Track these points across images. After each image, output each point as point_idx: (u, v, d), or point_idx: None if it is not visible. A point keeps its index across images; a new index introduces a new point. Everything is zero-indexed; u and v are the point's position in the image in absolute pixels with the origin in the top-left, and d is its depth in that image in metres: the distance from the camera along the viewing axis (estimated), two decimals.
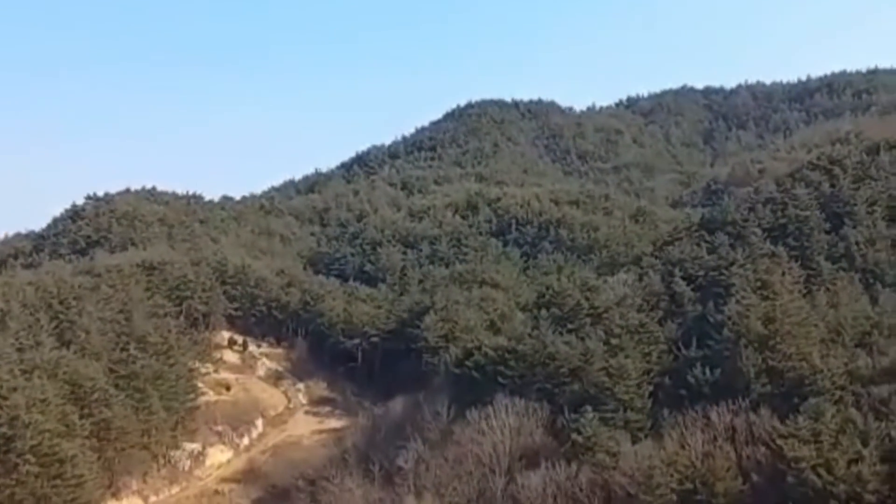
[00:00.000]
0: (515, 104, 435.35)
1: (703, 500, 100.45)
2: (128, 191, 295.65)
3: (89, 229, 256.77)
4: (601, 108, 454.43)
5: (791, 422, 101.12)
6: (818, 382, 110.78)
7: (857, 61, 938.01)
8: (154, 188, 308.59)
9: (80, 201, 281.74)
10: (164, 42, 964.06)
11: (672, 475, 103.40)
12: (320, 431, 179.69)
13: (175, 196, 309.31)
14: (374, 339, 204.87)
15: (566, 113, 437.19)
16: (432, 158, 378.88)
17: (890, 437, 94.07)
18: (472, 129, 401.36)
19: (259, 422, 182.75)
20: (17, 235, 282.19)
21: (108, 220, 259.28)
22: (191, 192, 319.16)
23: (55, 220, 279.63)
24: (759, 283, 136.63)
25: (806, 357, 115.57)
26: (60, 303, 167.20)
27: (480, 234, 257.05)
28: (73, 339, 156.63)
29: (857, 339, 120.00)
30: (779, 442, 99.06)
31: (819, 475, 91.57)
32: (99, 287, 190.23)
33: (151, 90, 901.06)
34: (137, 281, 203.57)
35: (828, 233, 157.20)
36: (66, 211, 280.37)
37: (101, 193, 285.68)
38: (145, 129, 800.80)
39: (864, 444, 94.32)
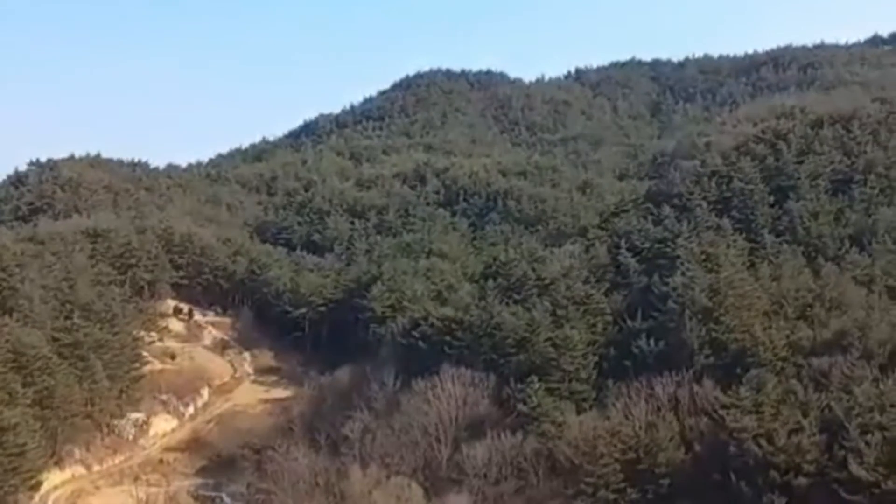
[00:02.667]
0: (464, 75, 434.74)
1: (646, 470, 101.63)
2: (72, 157, 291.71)
3: (32, 196, 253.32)
4: (550, 79, 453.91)
5: (733, 393, 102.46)
6: (760, 354, 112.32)
7: (803, 36, 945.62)
8: (98, 155, 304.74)
9: (23, 167, 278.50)
10: (108, 3, 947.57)
11: (616, 445, 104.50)
12: (266, 401, 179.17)
13: (120, 163, 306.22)
14: (321, 309, 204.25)
15: (515, 84, 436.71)
16: (381, 128, 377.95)
17: (829, 407, 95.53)
18: (421, 99, 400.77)
19: (204, 391, 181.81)
20: None
21: (52, 186, 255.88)
22: (136, 160, 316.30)
23: None
24: (703, 256, 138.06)
25: (749, 329, 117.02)
26: (2, 270, 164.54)
27: (428, 204, 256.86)
28: (15, 306, 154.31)
29: (799, 312, 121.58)
30: (721, 412, 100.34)
31: (760, 445, 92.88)
32: (42, 254, 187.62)
33: (94, 53, 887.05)
34: (81, 248, 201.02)
35: (772, 206, 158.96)
36: (9, 177, 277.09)
37: (44, 159, 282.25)
38: (88, 95, 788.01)
39: (805, 414, 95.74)
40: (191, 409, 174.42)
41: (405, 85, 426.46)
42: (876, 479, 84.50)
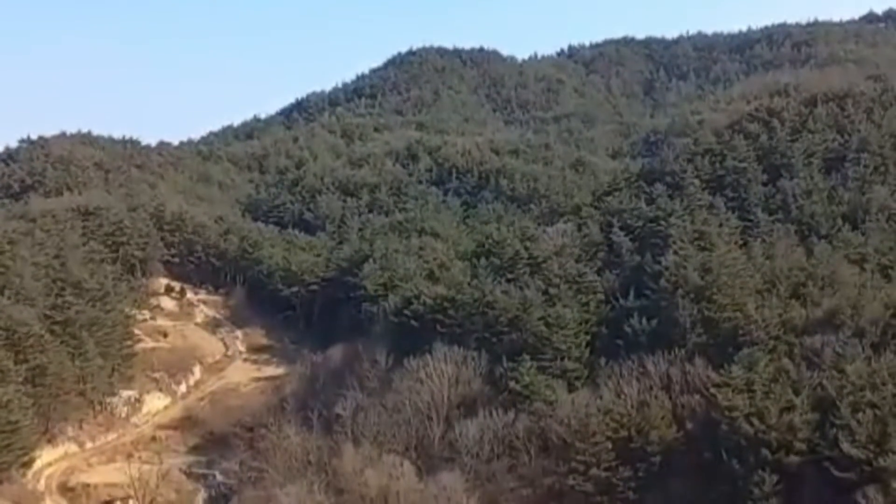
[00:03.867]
0: (457, 52, 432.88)
1: (638, 448, 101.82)
2: (63, 134, 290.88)
3: (23, 173, 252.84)
4: (543, 57, 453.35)
5: (725, 371, 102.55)
6: (753, 333, 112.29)
7: (797, 13, 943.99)
8: (90, 132, 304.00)
9: (14, 144, 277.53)
10: None
11: (608, 423, 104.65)
12: (258, 379, 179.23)
13: (111, 140, 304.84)
14: (313, 288, 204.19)
15: (508, 62, 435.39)
16: (373, 106, 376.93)
17: (821, 386, 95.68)
18: (413, 76, 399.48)
19: (196, 369, 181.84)
20: None
21: (43, 163, 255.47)
22: (127, 137, 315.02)
23: None
24: (696, 235, 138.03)
25: (741, 308, 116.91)
26: None
27: (420, 182, 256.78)
28: (6, 284, 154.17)
29: (792, 290, 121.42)
30: (713, 391, 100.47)
31: (752, 424, 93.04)
32: (33, 232, 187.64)
33: (85, 27, 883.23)
34: (73, 226, 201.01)
35: (765, 184, 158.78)
36: None
37: (34, 136, 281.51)
38: (78, 70, 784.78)
39: (796, 393, 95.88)
40: (183, 387, 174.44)
41: (397, 62, 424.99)
42: (867, 457, 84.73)
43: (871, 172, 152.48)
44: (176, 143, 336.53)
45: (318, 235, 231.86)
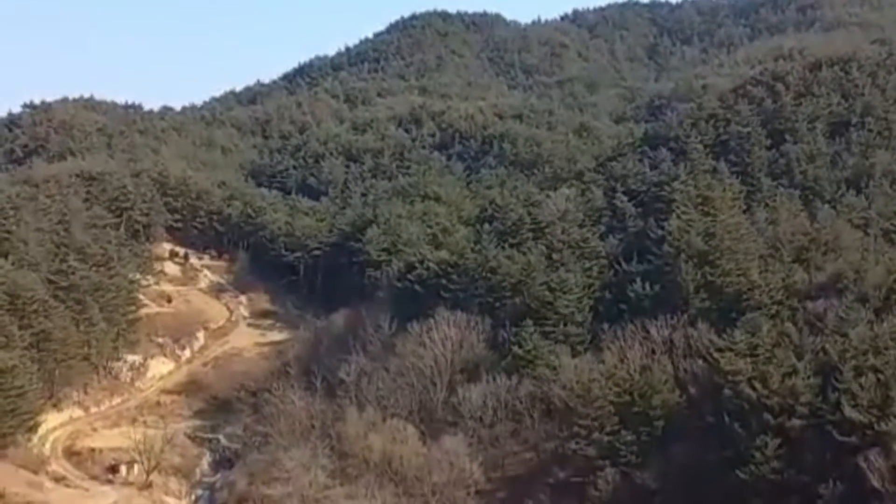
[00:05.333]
0: (460, 16, 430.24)
1: (641, 412, 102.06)
2: (66, 99, 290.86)
3: (26, 138, 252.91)
4: (546, 21, 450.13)
5: (728, 336, 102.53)
6: (756, 297, 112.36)
7: None
8: (92, 97, 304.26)
9: (17, 109, 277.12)
10: None
11: (611, 388, 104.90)
12: (262, 344, 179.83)
13: (114, 105, 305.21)
14: (316, 253, 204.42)
15: (511, 26, 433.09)
16: (375, 70, 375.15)
17: (824, 350, 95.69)
18: (417, 41, 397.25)
19: (200, 334, 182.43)
20: None
21: (46, 129, 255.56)
22: (130, 102, 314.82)
23: None
24: (699, 199, 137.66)
25: (744, 272, 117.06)
26: None
27: (423, 147, 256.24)
28: (10, 249, 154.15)
29: (795, 255, 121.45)
30: (716, 355, 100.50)
31: (754, 388, 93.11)
32: (37, 197, 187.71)
33: None
34: (76, 191, 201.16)
35: (769, 149, 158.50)
36: (2, 119, 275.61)
37: (37, 101, 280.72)
38: (81, 35, 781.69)
39: (799, 357, 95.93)
40: (187, 352, 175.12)
41: (400, 27, 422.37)
42: (869, 421, 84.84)
43: (875, 137, 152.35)
44: (179, 108, 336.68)
45: (321, 200, 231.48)
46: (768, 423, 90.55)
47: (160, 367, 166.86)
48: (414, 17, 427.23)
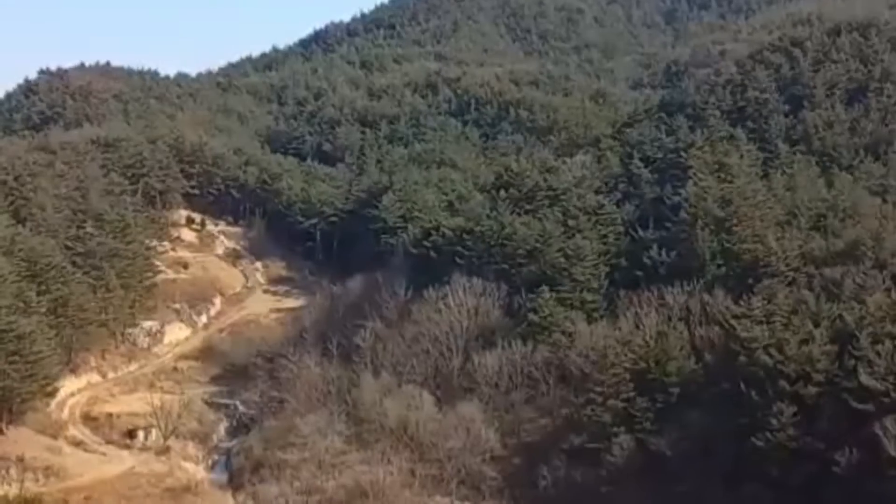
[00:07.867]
0: None
1: (656, 379, 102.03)
2: (82, 66, 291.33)
3: (43, 105, 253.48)
4: None
5: (745, 302, 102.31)
6: (772, 264, 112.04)
7: None
8: (108, 63, 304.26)
9: (33, 76, 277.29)
10: None
11: (626, 355, 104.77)
12: (278, 310, 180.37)
13: (130, 72, 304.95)
14: (333, 219, 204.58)
15: None
16: (391, 36, 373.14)
17: (841, 317, 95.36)
18: (432, 6, 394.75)
19: (217, 300, 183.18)
20: None
21: (62, 95, 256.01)
22: (146, 68, 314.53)
23: (7, 95, 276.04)
24: (716, 166, 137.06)
25: (761, 239, 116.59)
26: (15, 179, 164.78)
27: (440, 114, 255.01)
28: (28, 216, 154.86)
29: (813, 222, 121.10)
30: (732, 322, 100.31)
31: (770, 355, 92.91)
32: (54, 164, 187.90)
33: None
34: (93, 158, 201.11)
35: (786, 115, 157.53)
36: (19, 86, 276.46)
37: (54, 68, 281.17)
38: (97, 1, 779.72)
39: (816, 324, 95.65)
40: (203, 318, 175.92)
41: None
42: (885, 389, 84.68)
43: (893, 103, 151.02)
44: (194, 74, 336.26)
45: (337, 167, 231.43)
46: (784, 390, 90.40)
47: (177, 333, 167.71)
48: None
